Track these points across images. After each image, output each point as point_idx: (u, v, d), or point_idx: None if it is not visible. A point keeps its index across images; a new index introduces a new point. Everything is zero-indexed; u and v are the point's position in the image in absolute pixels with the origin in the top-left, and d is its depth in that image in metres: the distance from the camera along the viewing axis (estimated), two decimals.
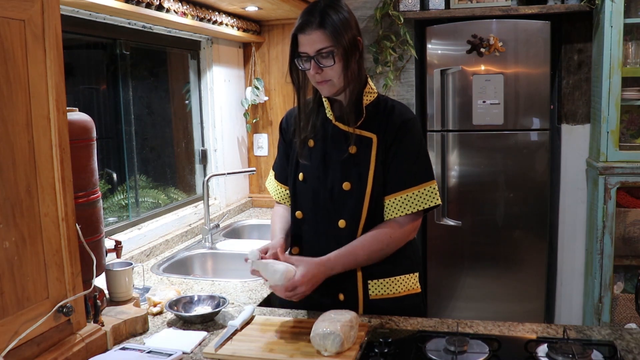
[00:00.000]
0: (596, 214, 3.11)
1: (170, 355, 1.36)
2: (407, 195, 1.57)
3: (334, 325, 1.36)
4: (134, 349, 1.41)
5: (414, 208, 1.56)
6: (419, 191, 1.57)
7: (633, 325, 3.03)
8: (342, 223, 1.60)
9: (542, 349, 1.32)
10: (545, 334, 1.47)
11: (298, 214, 1.68)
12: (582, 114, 3.37)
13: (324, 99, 1.64)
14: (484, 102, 3.26)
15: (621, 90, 2.96)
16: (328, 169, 1.61)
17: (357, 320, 1.44)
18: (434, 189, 1.58)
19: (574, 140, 3.40)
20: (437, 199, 1.58)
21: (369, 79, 1.65)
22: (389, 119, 1.59)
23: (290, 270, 1.47)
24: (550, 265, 3.49)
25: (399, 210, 1.57)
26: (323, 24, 1.50)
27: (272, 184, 1.83)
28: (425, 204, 1.57)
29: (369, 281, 1.62)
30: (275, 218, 1.78)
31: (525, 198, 3.30)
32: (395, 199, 1.57)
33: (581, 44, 3.30)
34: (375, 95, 1.64)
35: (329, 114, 1.63)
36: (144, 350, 1.39)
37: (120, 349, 1.43)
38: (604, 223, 3.04)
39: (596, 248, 3.09)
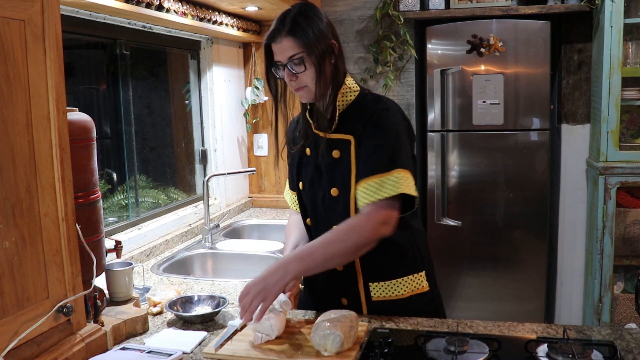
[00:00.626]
0: (596, 214, 3.11)
1: (170, 355, 1.36)
2: (368, 184, 1.48)
3: (334, 325, 1.36)
4: (134, 349, 1.41)
5: (373, 197, 1.47)
6: (380, 180, 1.46)
7: (633, 325, 3.03)
8: None
9: (542, 349, 1.33)
10: (545, 334, 1.47)
11: (308, 221, 1.70)
12: (582, 114, 3.37)
13: (308, 107, 1.65)
14: (484, 102, 3.26)
15: (621, 90, 2.96)
16: (320, 176, 1.62)
17: (357, 320, 1.44)
18: (399, 177, 1.47)
19: (574, 140, 3.40)
20: (404, 188, 1.46)
21: (349, 77, 1.61)
22: (362, 115, 1.55)
23: (281, 317, 1.46)
24: (550, 265, 3.49)
25: (361, 200, 1.50)
26: (292, 31, 1.48)
27: (287, 194, 1.86)
28: (386, 193, 1.46)
29: (370, 284, 1.61)
30: (289, 230, 1.79)
31: (525, 198, 3.30)
32: (358, 188, 1.50)
33: (581, 44, 3.30)
34: (356, 93, 1.60)
35: (310, 121, 1.64)
36: (144, 350, 1.39)
37: (120, 348, 1.42)
38: (604, 223, 3.04)
39: (596, 248, 3.10)
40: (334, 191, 1.58)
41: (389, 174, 1.47)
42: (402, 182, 1.47)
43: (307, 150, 1.66)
